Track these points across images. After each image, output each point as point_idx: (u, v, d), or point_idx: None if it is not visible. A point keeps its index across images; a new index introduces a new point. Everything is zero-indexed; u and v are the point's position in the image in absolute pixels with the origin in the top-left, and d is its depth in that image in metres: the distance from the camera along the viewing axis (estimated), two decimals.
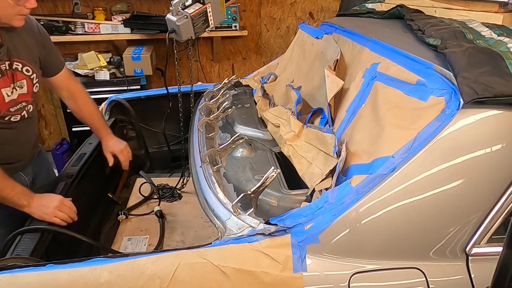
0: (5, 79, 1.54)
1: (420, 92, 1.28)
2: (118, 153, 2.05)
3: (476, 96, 1.13)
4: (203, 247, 1.19)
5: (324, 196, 1.25)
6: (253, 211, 1.28)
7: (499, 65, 1.22)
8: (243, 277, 1.13)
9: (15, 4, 1.45)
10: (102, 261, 1.16)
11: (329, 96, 1.57)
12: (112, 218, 2.14)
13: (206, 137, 1.84)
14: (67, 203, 1.58)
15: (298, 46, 2.37)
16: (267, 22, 4.38)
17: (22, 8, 1.48)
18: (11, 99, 1.58)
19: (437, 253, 1.20)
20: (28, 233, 1.43)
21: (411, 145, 1.20)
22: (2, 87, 1.53)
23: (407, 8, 1.96)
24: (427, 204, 1.18)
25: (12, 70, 1.57)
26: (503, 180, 1.19)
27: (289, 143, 1.62)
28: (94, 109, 2.02)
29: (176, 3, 1.69)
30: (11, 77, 1.57)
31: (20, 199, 1.49)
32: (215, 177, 1.52)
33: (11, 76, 1.57)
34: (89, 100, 2.00)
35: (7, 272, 1.14)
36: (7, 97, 1.56)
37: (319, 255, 1.18)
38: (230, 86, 2.46)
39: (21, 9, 1.48)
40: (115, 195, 2.29)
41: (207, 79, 4.34)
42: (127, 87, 3.62)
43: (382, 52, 1.58)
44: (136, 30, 3.73)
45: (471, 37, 1.44)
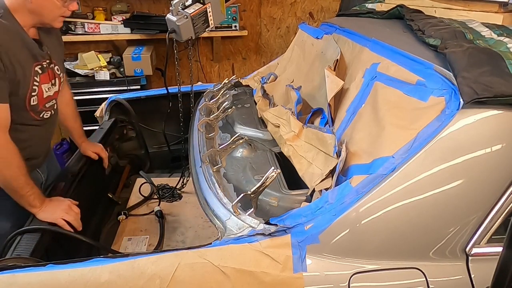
0: (45, 75, 1.63)
1: (420, 92, 1.28)
2: (99, 152, 2.07)
3: (476, 96, 1.14)
4: (203, 247, 1.19)
5: (324, 196, 1.25)
6: (253, 211, 1.28)
7: (499, 65, 1.22)
8: (243, 277, 1.13)
9: (62, 5, 1.51)
10: (102, 261, 1.16)
11: (329, 96, 1.57)
12: (112, 218, 2.15)
13: (206, 137, 1.85)
14: (74, 208, 1.59)
15: (298, 46, 2.37)
16: (267, 22, 4.38)
17: (65, 10, 1.55)
18: (48, 95, 1.67)
19: (437, 253, 1.20)
20: (28, 233, 1.43)
21: (411, 145, 1.20)
22: (42, 83, 1.62)
23: (407, 8, 1.96)
24: (427, 204, 1.18)
25: (51, 68, 1.67)
26: (503, 180, 1.19)
27: (289, 143, 1.62)
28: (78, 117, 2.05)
29: (176, 3, 1.69)
30: (51, 74, 1.67)
31: (35, 200, 1.51)
32: (215, 177, 1.52)
33: (51, 74, 1.67)
34: (75, 107, 2.04)
35: (7, 272, 1.14)
36: (45, 92, 1.65)
37: (319, 255, 1.18)
38: (230, 86, 2.46)
39: (65, 10, 1.55)
40: (115, 195, 2.30)
41: (207, 79, 4.33)
42: (127, 87, 3.62)
43: (382, 52, 1.58)
44: (136, 30, 3.73)
45: (471, 37, 1.44)
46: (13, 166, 1.46)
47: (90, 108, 3.09)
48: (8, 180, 1.47)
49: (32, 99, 1.58)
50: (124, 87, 3.62)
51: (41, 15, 1.53)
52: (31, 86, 1.56)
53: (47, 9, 1.51)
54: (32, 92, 1.57)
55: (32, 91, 1.57)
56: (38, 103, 1.62)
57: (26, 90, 1.55)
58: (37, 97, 1.60)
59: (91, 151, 2.03)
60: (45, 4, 1.50)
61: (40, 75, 1.60)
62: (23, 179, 1.48)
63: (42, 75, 1.60)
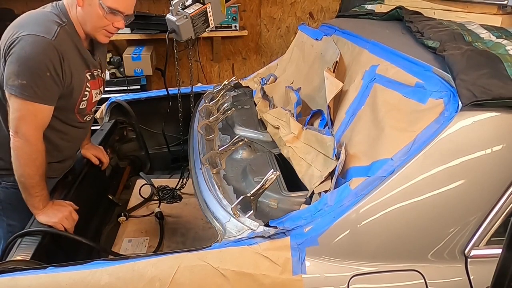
0: (95, 82, 1.72)
1: (419, 94, 1.28)
2: (100, 155, 2.08)
3: (475, 99, 1.14)
4: (203, 249, 1.20)
5: (323, 199, 1.26)
6: (252, 213, 1.28)
7: (498, 68, 1.22)
8: (242, 280, 1.14)
9: (104, 16, 1.53)
10: (102, 263, 1.16)
11: (329, 98, 1.57)
12: (112, 219, 2.15)
13: (206, 139, 1.85)
14: (74, 215, 1.60)
15: (298, 48, 2.37)
16: (267, 22, 4.38)
17: (109, 25, 1.57)
18: (96, 100, 1.76)
19: (436, 255, 1.21)
20: (29, 235, 1.44)
21: (410, 147, 1.20)
22: (93, 89, 1.71)
23: (406, 9, 1.96)
24: (426, 206, 1.18)
25: (100, 76, 1.77)
26: (501, 182, 1.19)
27: (289, 145, 1.62)
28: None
29: (175, 3, 1.70)
30: (100, 82, 1.77)
31: (40, 202, 1.53)
32: (214, 179, 1.52)
33: (100, 81, 1.77)
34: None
35: (8, 275, 1.15)
36: (94, 97, 1.74)
37: (318, 257, 1.18)
38: (230, 87, 2.46)
39: (109, 25, 1.57)
40: (115, 197, 2.30)
41: (207, 79, 4.34)
42: (127, 87, 3.62)
43: (381, 54, 1.58)
44: (136, 30, 3.73)
45: (469, 39, 1.45)
46: (34, 164, 1.50)
47: None
48: (24, 176, 1.50)
49: (82, 103, 1.66)
50: (124, 87, 3.62)
51: (86, 24, 1.56)
52: (83, 91, 1.64)
53: (91, 18, 1.53)
54: (83, 97, 1.65)
55: (84, 96, 1.65)
56: (87, 107, 1.70)
57: (78, 95, 1.62)
58: (87, 101, 1.68)
59: (91, 154, 2.04)
60: (90, 12, 1.52)
61: (90, 81, 1.68)
62: (37, 179, 1.51)
63: (92, 81, 1.69)
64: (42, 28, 1.46)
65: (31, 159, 1.49)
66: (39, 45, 1.43)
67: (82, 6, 1.52)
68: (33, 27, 1.46)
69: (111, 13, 1.53)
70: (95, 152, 2.06)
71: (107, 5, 1.50)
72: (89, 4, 1.51)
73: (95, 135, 2.28)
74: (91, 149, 2.06)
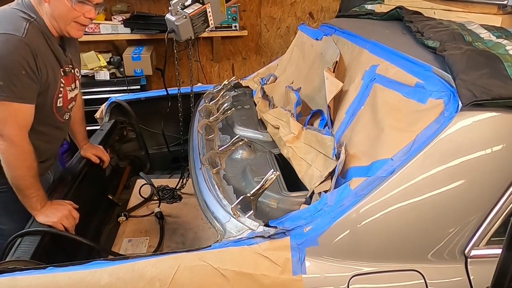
0: (68, 78, 1.69)
1: (419, 94, 1.28)
2: (100, 154, 2.08)
3: (475, 99, 1.14)
4: (203, 249, 1.20)
5: (323, 199, 1.26)
6: (252, 213, 1.29)
7: (498, 68, 1.22)
8: (242, 280, 1.14)
9: (72, 7, 1.50)
10: (102, 263, 1.16)
11: (329, 98, 1.57)
12: (112, 219, 2.15)
13: (206, 139, 1.85)
14: (74, 214, 1.60)
15: (298, 48, 2.37)
16: (267, 22, 4.38)
17: (80, 16, 1.54)
18: (71, 96, 1.74)
19: (436, 255, 1.21)
20: (29, 235, 1.44)
21: (410, 147, 1.20)
22: (66, 85, 1.68)
23: (406, 9, 1.96)
24: (426, 206, 1.18)
25: (73, 73, 1.74)
26: (501, 182, 1.19)
27: (289, 145, 1.62)
28: (84, 120, 2.09)
29: (175, 3, 1.69)
30: (72, 77, 1.74)
31: (37, 203, 1.52)
32: (214, 179, 1.52)
33: (72, 77, 1.74)
34: (83, 110, 2.07)
35: (7, 275, 1.14)
36: (69, 93, 1.72)
37: (318, 257, 1.18)
38: (229, 87, 2.46)
39: (79, 16, 1.54)
40: (115, 197, 2.29)
41: (207, 79, 4.33)
42: (127, 87, 3.62)
43: (381, 54, 1.58)
44: (136, 30, 3.73)
45: (469, 39, 1.45)
46: (24, 165, 1.49)
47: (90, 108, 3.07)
48: (16, 178, 1.49)
49: (58, 101, 1.64)
50: (124, 87, 3.62)
51: (56, 19, 1.53)
52: (58, 87, 1.62)
53: (60, 10, 1.51)
54: (59, 93, 1.63)
55: (59, 92, 1.63)
56: (63, 104, 1.68)
57: (54, 91, 1.60)
58: (62, 98, 1.66)
59: (91, 154, 2.04)
60: (59, 6, 1.50)
61: (63, 77, 1.65)
62: (30, 180, 1.50)
63: (65, 78, 1.66)
64: (11, 26, 1.43)
65: (20, 160, 1.47)
66: (10, 43, 1.40)
67: (49, 2, 1.49)
68: (1, 26, 1.43)
69: (80, 3, 1.50)
70: (94, 151, 2.06)
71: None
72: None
73: (95, 135, 2.28)
74: (90, 148, 2.06)
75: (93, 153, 2.05)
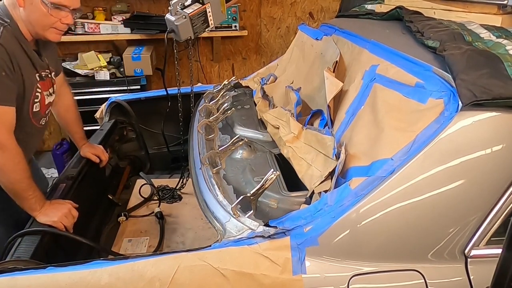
0: (45, 83, 1.67)
1: (419, 94, 1.28)
2: (99, 154, 2.07)
3: (475, 99, 1.14)
4: (203, 249, 1.20)
5: (323, 198, 1.26)
6: (252, 213, 1.28)
7: (498, 68, 1.22)
8: (242, 280, 1.14)
9: (48, 13, 1.48)
10: (102, 263, 1.16)
11: (329, 97, 1.57)
12: (112, 219, 2.15)
13: (206, 139, 1.85)
14: (74, 212, 1.60)
15: (298, 47, 2.37)
16: (267, 22, 4.38)
17: (57, 21, 1.52)
18: (49, 101, 1.71)
19: (436, 255, 1.21)
20: (28, 235, 1.44)
21: (410, 147, 1.20)
22: (44, 90, 1.66)
23: (406, 9, 1.96)
24: (426, 206, 1.18)
25: (50, 77, 1.71)
26: (501, 182, 1.19)
27: (289, 145, 1.62)
28: (80, 120, 2.06)
29: (174, 3, 1.70)
30: (49, 83, 1.71)
31: (36, 203, 1.52)
32: (214, 179, 1.52)
33: (49, 82, 1.71)
34: (77, 110, 2.05)
35: (7, 275, 1.14)
36: (47, 98, 1.69)
37: (318, 257, 1.18)
38: (229, 87, 2.46)
39: (56, 22, 1.52)
40: (115, 197, 2.30)
41: (207, 79, 4.33)
42: (127, 87, 3.62)
43: (381, 54, 1.58)
44: (136, 30, 3.73)
45: (470, 39, 1.44)
46: (19, 168, 1.48)
47: (90, 108, 3.10)
48: (13, 182, 1.48)
49: (35, 105, 1.62)
50: (124, 87, 3.62)
51: (32, 25, 1.52)
52: (34, 93, 1.59)
53: (36, 16, 1.49)
54: (35, 98, 1.61)
55: (35, 97, 1.61)
56: (40, 109, 1.66)
57: (30, 96, 1.58)
58: (39, 103, 1.64)
59: (91, 153, 2.04)
60: (34, 11, 1.48)
61: (40, 82, 1.63)
62: (26, 182, 1.50)
63: (41, 83, 1.64)
64: None
65: (14, 164, 1.46)
66: None
67: (24, 7, 1.47)
68: None
69: (56, 9, 1.49)
70: (93, 151, 2.06)
71: (50, 1, 1.46)
72: (31, 3, 1.46)
73: (95, 135, 2.28)
74: (90, 148, 2.06)
75: (92, 152, 2.04)
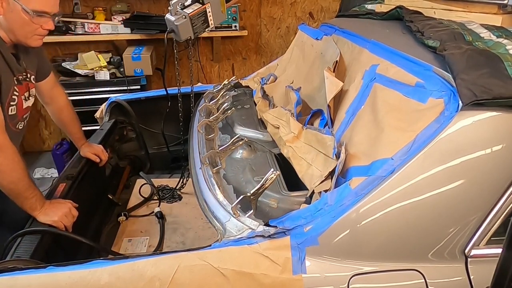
0: (22, 87, 1.64)
1: (419, 94, 1.28)
2: (99, 153, 2.07)
3: (475, 98, 1.14)
4: (203, 249, 1.20)
5: (324, 198, 1.26)
6: (252, 213, 1.28)
7: (498, 67, 1.22)
8: (242, 279, 1.14)
9: (30, 21, 1.47)
10: (102, 263, 1.16)
11: (329, 97, 1.57)
12: (112, 219, 2.15)
13: (206, 139, 1.85)
14: (74, 212, 1.60)
15: (298, 47, 2.37)
16: (267, 22, 4.38)
17: (38, 28, 1.52)
18: (27, 105, 1.69)
19: (436, 254, 1.21)
20: (28, 235, 1.44)
21: (410, 147, 1.20)
22: (21, 94, 1.63)
23: (406, 9, 1.96)
24: (426, 206, 1.18)
25: (27, 81, 1.68)
26: (502, 181, 1.19)
27: (289, 145, 1.62)
28: (76, 120, 2.05)
29: (174, 3, 1.70)
30: (26, 86, 1.67)
31: (36, 202, 1.51)
32: (214, 178, 1.52)
33: (26, 86, 1.67)
34: (72, 110, 2.02)
35: (7, 274, 1.14)
36: (25, 103, 1.67)
37: (318, 257, 1.18)
38: (229, 87, 2.46)
39: (38, 28, 1.52)
40: (115, 196, 2.30)
41: (207, 79, 4.34)
42: (127, 87, 3.62)
43: (381, 53, 1.58)
44: (136, 30, 3.73)
45: (470, 39, 1.44)
46: (19, 167, 1.48)
47: (90, 108, 3.10)
48: (14, 181, 1.47)
49: (10, 109, 1.59)
50: (124, 87, 3.62)
51: (13, 32, 1.51)
52: (10, 96, 1.56)
53: (17, 24, 1.48)
54: (11, 101, 1.58)
55: (11, 100, 1.58)
56: (17, 113, 1.63)
57: (5, 99, 1.54)
58: (16, 107, 1.61)
59: (90, 153, 2.04)
60: (15, 19, 1.47)
61: (17, 85, 1.60)
62: (27, 181, 1.50)
63: (19, 86, 1.61)
64: None
65: (14, 163, 1.46)
66: None
67: (3, 14, 1.45)
68: None
69: (38, 16, 1.48)
70: (93, 150, 2.06)
71: (31, 9, 1.44)
72: (11, 10, 1.44)
73: (94, 135, 2.28)
74: (89, 148, 2.06)
75: (92, 152, 2.04)
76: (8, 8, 1.44)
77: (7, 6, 1.44)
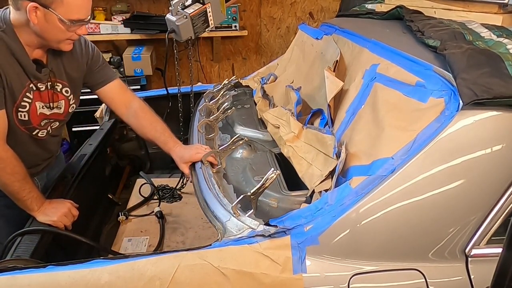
0: (40, 94, 1.60)
1: (420, 94, 1.28)
2: (194, 160, 1.69)
3: (475, 98, 1.14)
4: (203, 248, 1.19)
5: (324, 198, 1.26)
6: (253, 212, 1.28)
7: (498, 67, 1.22)
8: (242, 279, 1.13)
9: (66, 30, 1.47)
10: (102, 262, 1.16)
11: (329, 97, 1.57)
12: (112, 219, 2.15)
13: (206, 138, 1.85)
14: (74, 212, 1.59)
15: (298, 47, 2.37)
16: (267, 22, 4.38)
17: (72, 34, 1.52)
18: (42, 112, 1.64)
19: (436, 254, 1.21)
20: (28, 234, 1.44)
21: (411, 146, 1.20)
22: (36, 100, 1.60)
23: (407, 9, 1.96)
24: (426, 206, 1.18)
25: (53, 90, 1.64)
26: (502, 181, 1.19)
27: (289, 144, 1.62)
28: (157, 123, 1.83)
29: (175, 3, 1.70)
30: (51, 96, 1.64)
31: (32, 203, 1.51)
32: (215, 178, 1.52)
33: (51, 95, 1.64)
34: (151, 114, 1.85)
35: (7, 273, 1.14)
36: (39, 110, 1.62)
37: (318, 256, 1.18)
38: (230, 87, 2.46)
39: (72, 35, 1.52)
40: (115, 196, 2.30)
41: (207, 79, 4.33)
42: None
43: (381, 53, 1.58)
44: (136, 30, 3.72)
45: (470, 38, 1.44)
46: (5, 172, 1.47)
47: (90, 108, 3.09)
48: (2, 186, 1.49)
49: (20, 114, 1.56)
50: None
51: (45, 38, 1.50)
52: (19, 101, 1.54)
53: (51, 33, 1.47)
54: (19, 107, 1.55)
55: (20, 106, 1.55)
56: (30, 119, 1.60)
57: (12, 104, 1.53)
58: (28, 113, 1.58)
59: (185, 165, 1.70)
60: (49, 28, 1.46)
61: (34, 92, 1.58)
62: (17, 185, 1.49)
63: (36, 93, 1.58)
64: None
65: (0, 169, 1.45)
66: None
67: (37, 24, 1.43)
68: None
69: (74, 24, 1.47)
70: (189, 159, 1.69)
71: (68, 19, 1.44)
72: (46, 21, 1.43)
73: (94, 135, 2.28)
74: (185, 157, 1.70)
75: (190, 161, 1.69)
76: (42, 17, 1.42)
77: (42, 16, 1.42)
